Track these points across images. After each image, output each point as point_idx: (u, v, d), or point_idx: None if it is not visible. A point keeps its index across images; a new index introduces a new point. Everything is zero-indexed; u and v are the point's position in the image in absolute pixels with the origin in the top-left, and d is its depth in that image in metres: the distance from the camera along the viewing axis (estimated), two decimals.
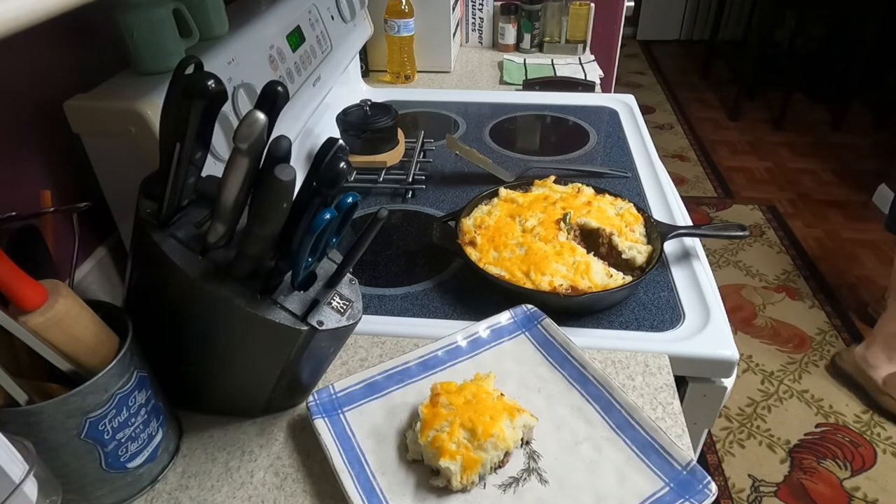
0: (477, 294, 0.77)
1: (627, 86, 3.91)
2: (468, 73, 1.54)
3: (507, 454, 0.55)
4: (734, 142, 3.23)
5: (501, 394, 0.58)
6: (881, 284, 2.16)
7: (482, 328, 0.68)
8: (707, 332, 0.69)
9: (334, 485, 0.54)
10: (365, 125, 1.02)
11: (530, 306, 0.70)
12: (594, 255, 0.76)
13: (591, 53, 1.65)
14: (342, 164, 0.44)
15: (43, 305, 0.44)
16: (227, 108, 0.69)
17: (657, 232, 0.79)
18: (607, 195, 0.86)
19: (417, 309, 0.76)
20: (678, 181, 2.85)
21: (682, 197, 1.00)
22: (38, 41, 0.61)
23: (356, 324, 0.54)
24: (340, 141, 0.47)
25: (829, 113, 3.38)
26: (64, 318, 0.45)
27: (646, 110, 3.56)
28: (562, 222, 0.79)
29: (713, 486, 0.51)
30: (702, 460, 1.60)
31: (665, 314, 0.73)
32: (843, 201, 2.70)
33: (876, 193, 2.68)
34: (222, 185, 0.46)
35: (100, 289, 0.69)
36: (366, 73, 1.50)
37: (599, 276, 0.73)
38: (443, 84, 1.48)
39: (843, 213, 2.63)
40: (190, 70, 0.48)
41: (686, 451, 0.54)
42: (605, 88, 1.63)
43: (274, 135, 0.47)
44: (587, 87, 1.43)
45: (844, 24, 3.37)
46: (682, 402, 0.66)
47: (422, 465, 0.55)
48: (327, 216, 0.43)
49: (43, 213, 0.54)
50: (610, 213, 0.82)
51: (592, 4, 1.59)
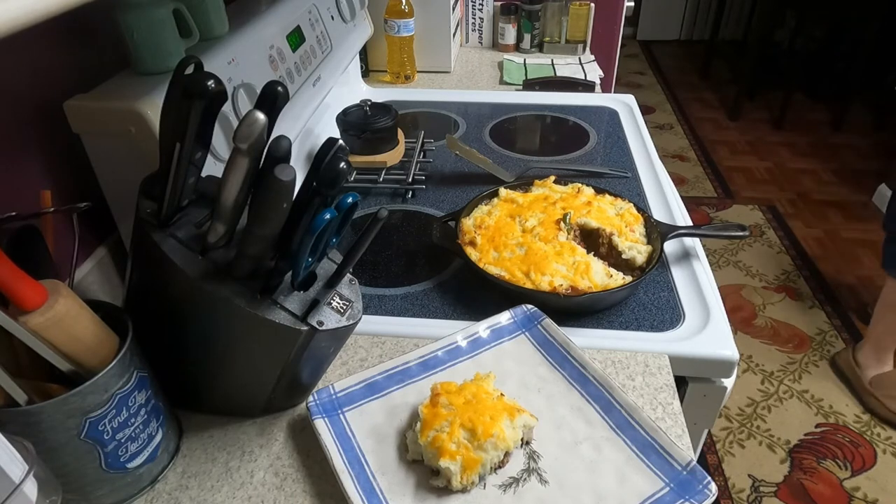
0: (477, 294, 0.77)
1: (627, 86, 3.91)
2: (468, 73, 1.54)
3: (507, 454, 0.55)
4: (734, 142, 3.23)
5: (501, 394, 0.58)
6: (881, 284, 2.15)
7: (482, 328, 0.68)
8: (707, 332, 0.69)
9: (334, 485, 0.54)
10: (365, 125, 1.02)
11: (530, 306, 0.70)
12: (594, 255, 0.76)
13: (591, 53, 1.65)
14: (342, 164, 0.44)
15: (43, 305, 0.44)
16: (227, 108, 0.69)
17: (657, 232, 0.79)
18: (607, 195, 0.86)
19: (417, 309, 0.76)
20: (678, 181, 2.85)
21: (682, 197, 1.00)
22: (38, 41, 0.61)
23: (356, 324, 0.54)
24: (340, 141, 0.47)
25: (829, 113, 3.38)
26: (64, 318, 0.45)
27: (646, 110, 3.56)
28: (562, 222, 0.79)
29: (713, 487, 0.51)
30: (702, 460, 1.60)
31: (665, 314, 0.73)
32: (843, 201, 2.70)
33: (876, 193, 2.68)
34: (222, 185, 0.46)
35: (100, 289, 0.69)
36: (366, 73, 1.50)
37: (599, 276, 0.73)
38: (443, 84, 1.48)
39: (843, 213, 2.63)
40: (190, 70, 0.48)
41: (686, 451, 0.54)
42: (605, 88, 1.63)
43: (274, 135, 0.47)
44: (587, 87, 1.43)
45: (844, 24, 3.37)
46: (682, 402, 0.66)
47: (422, 465, 0.55)
48: (327, 216, 0.43)
49: (43, 213, 0.54)
50: (610, 213, 0.82)
51: (592, 4, 1.59)
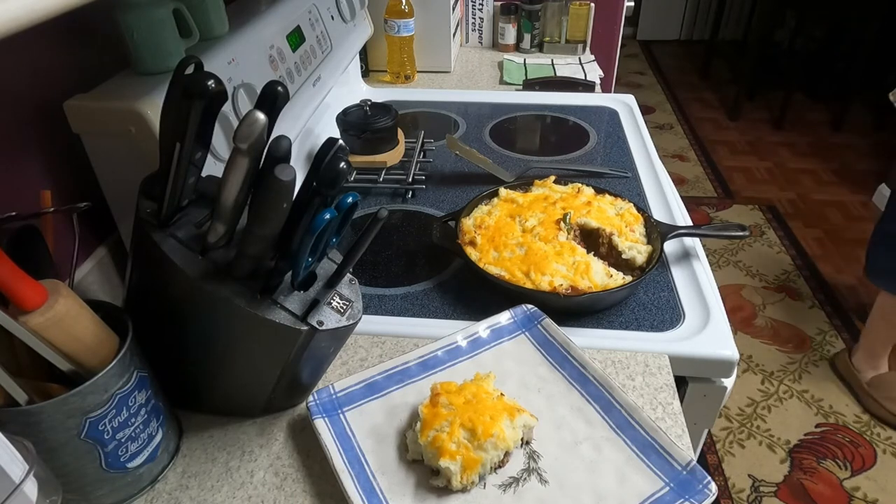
0: (477, 294, 0.77)
1: (627, 86, 3.91)
2: (468, 73, 1.54)
3: (507, 454, 0.55)
4: (734, 142, 3.23)
5: (501, 394, 0.58)
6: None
7: (482, 328, 0.68)
8: (707, 332, 0.69)
9: (334, 485, 0.54)
10: (365, 125, 1.02)
11: (530, 306, 0.70)
12: (594, 255, 0.76)
13: (591, 53, 1.65)
14: (342, 164, 0.44)
15: (43, 305, 0.44)
16: (227, 108, 0.69)
17: (657, 232, 0.79)
18: (607, 195, 0.86)
19: (417, 309, 0.76)
20: (678, 181, 2.85)
21: (682, 197, 1.00)
22: (38, 41, 0.61)
23: (356, 324, 0.54)
24: (340, 141, 0.47)
25: (829, 113, 3.38)
26: (64, 318, 0.45)
27: (646, 110, 3.56)
28: (562, 222, 0.79)
29: (713, 486, 0.51)
30: (702, 460, 1.60)
31: (665, 314, 0.73)
32: (843, 201, 2.70)
33: (876, 193, 2.68)
34: (222, 185, 0.46)
35: (100, 289, 0.69)
36: (366, 73, 1.50)
37: (599, 276, 0.73)
38: (443, 84, 1.48)
39: (843, 213, 2.63)
40: (190, 70, 0.48)
41: (686, 451, 0.54)
42: (605, 88, 1.63)
43: (274, 135, 0.47)
44: (587, 87, 1.43)
45: (844, 24, 3.37)
46: (682, 402, 0.66)
47: (422, 465, 0.55)
48: (327, 216, 0.43)
49: (43, 213, 0.54)
50: (610, 213, 0.82)
51: (592, 4, 1.59)
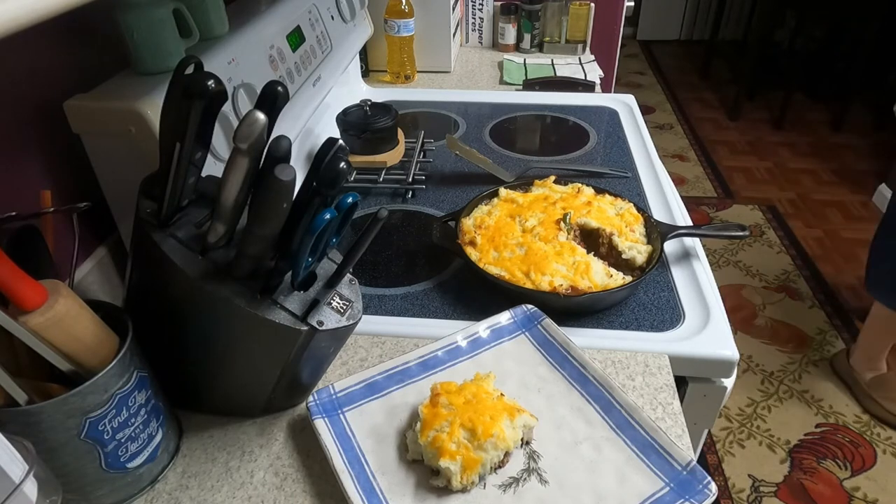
0: (477, 294, 0.77)
1: (627, 86, 3.91)
2: (468, 73, 1.54)
3: (507, 454, 0.55)
4: (734, 142, 3.23)
5: (501, 394, 0.58)
6: None
7: (482, 328, 0.68)
8: (707, 332, 0.69)
9: (334, 485, 0.54)
10: (365, 125, 1.02)
11: (530, 306, 0.70)
12: (594, 255, 0.76)
13: (591, 53, 1.65)
14: (342, 164, 0.44)
15: (43, 305, 0.44)
16: (227, 108, 0.69)
17: (657, 232, 0.79)
18: (607, 195, 0.86)
19: (417, 309, 0.76)
20: (678, 181, 2.85)
21: (682, 197, 1.00)
22: (38, 41, 0.61)
23: (356, 324, 0.54)
24: (340, 141, 0.47)
25: (829, 113, 3.38)
26: (64, 318, 0.45)
27: (646, 110, 3.56)
28: (562, 222, 0.79)
29: (713, 486, 0.51)
30: (702, 460, 1.60)
31: (665, 314, 0.73)
32: (843, 201, 2.70)
33: (876, 193, 2.68)
34: (222, 185, 0.46)
35: (100, 289, 0.69)
36: (366, 73, 1.50)
37: (599, 276, 0.73)
38: (443, 84, 1.48)
39: (843, 213, 2.63)
40: (190, 70, 0.48)
41: (686, 451, 0.54)
42: (605, 88, 1.63)
43: (274, 135, 0.47)
44: (587, 87, 1.43)
45: (844, 24, 3.37)
46: (682, 402, 0.66)
47: (422, 465, 0.55)
48: (327, 216, 0.43)
49: (43, 213, 0.54)
50: (610, 213, 0.82)
51: (592, 4, 1.59)
